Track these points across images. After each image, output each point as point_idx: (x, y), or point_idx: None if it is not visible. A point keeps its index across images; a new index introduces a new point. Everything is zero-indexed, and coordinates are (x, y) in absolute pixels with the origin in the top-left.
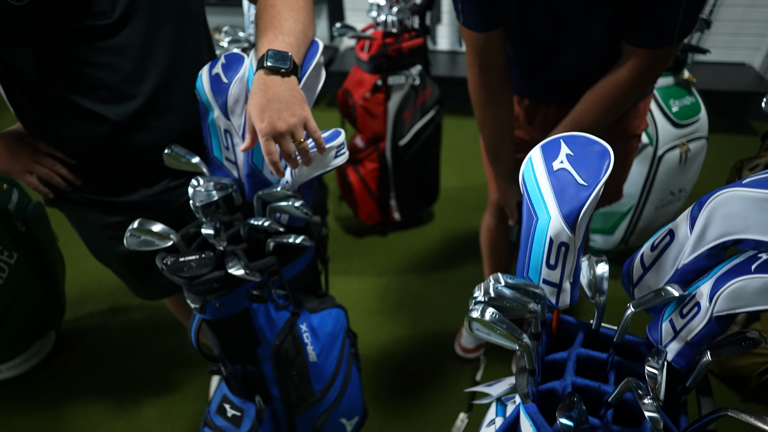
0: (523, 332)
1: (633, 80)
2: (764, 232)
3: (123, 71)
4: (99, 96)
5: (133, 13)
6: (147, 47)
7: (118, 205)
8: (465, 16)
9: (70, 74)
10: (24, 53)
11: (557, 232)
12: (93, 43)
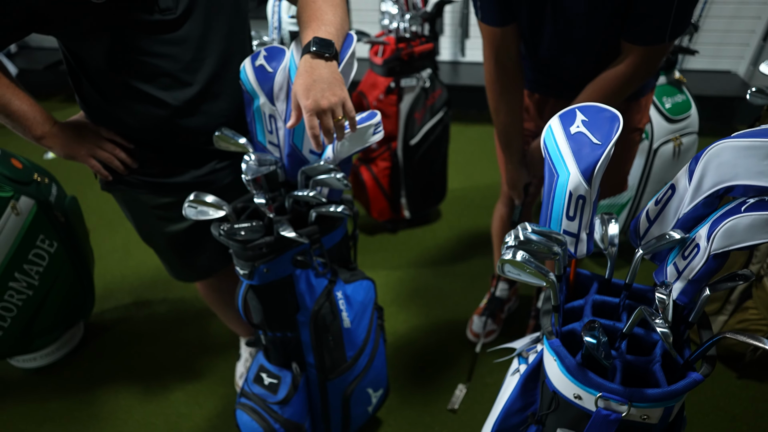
0: (549, 271)
1: (629, 74)
2: (751, 177)
3: (183, 61)
4: (161, 83)
5: (194, 8)
6: (204, 39)
7: (169, 186)
8: (483, 12)
9: (136, 64)
10: (96, 46)
11: (576, 186)
12: (158, 36)
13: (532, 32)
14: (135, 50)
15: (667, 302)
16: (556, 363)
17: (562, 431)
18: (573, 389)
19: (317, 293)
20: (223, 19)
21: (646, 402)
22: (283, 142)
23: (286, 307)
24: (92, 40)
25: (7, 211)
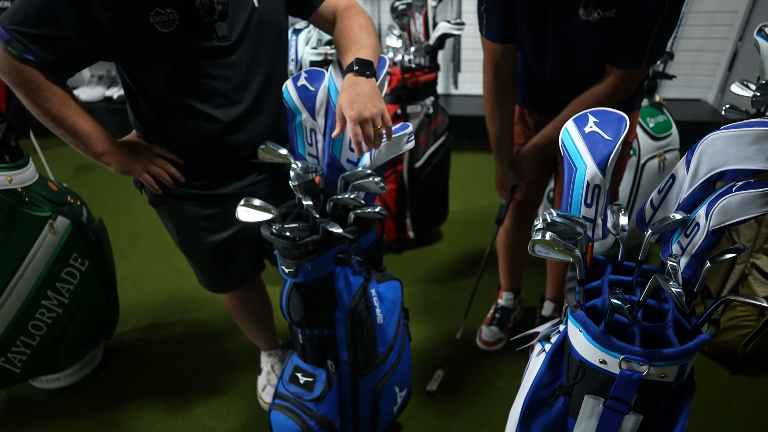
0: (574, 248)
1: (609, 92)
2: (739, 161)
3: (234, 82)
4: (214, 102)
5: (245, 35)
6: (252, 62)
7: (214, 198)
8: (488, 29)
9: (193, 85)
10: (158, 70)
11: (592, 176)
12: (214, 60)
13: (537, 56)
14: (193, 73)
15: (677, 268)
16: (581, 333)
17: (589, 398)
18: (598, 355)
19: (354, 290)
20: (269, 44)
21: (664, 360)
22: (323, 153)
23: (326, 304)
24: (155, 66)
25: (45, 229)
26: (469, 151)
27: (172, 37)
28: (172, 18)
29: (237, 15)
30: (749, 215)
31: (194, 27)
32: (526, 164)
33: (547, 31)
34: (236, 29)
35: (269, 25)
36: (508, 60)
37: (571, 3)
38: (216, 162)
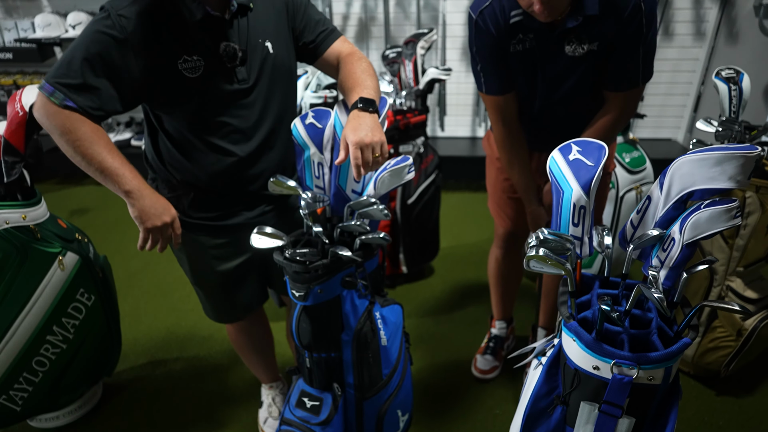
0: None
1: (617, 116)
2: (705, 182)
3: (251, 120)
4: (231, 138)
5: (261, 78)
6: (266, 102)
7: (225, 228)
8: (487, 86)
9: (214, 123)
10: (181, 110)
11: (578, 198)
12: (234, 101)
13: (528, 94)
14: (215, 113)
15: (657, 277)
16: (575, 342)
17: (585, 404)
18: (592, 361)
19: (360, 312)
20: (281, 85)
21: (651, 364)
22: (329, 184)
23: (333, 327)
24: (181, 107)
25: (54, 265)
26: (456, 191)
27: (198, 82)
28: (198, 64)
29: (254, 60)
30: (717, 229)
31: (218, 72)
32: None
33: (536, 74)
34: (253, 72)
35: (282, 69)
36: (512, 108)
37: (557, 43)
38: (229, 194)
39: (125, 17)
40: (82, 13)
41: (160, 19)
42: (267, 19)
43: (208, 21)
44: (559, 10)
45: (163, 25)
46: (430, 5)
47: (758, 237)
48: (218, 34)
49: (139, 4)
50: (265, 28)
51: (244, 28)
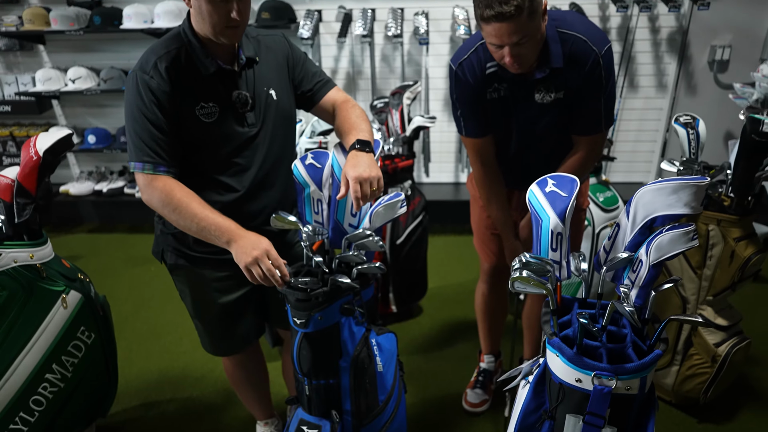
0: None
1: (585, 156)
2: (664, 208)
3: (256, 159)
4: (237, 176)
5: (266, 122)
6: (270, 143)
7: (228, 262)
8: (466, 129)
9: (223, 162)
10: (197, 151)
11: (555, 225)
12: (244, 142)
13: (505, 137)
14: (225, 153)
15: (629, 293)
16: (558, 357)
17: (570, 416)
18: (574, 374)
19: (357, 339)
20: (283, 129)
21: (627, 374)
22: (327, 219)
23: (332, 353)
24: (197, 148)
25: (58, 303)
26: (442, 234)
27: (214, 126)
28: (214, 110)
29: (261, 106)
30: (678, 250)
31: (231, 117)
32: (527, 235)
33: (512, 118)
34: (260, 117)
35: (284, 114)
36: (489, 150)
37: (528, 92)
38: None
39: (152, 77)
40: (82, 68)
41: (180, 74)
42: (271, 70)
43: (220, 73)
44: (527, 63)
45: (182, 79)
46: (413, 60)
47: (723, 267)
48: (230, 84)
49: (161, 64)
50: (269, 78)
51: (252, 78)
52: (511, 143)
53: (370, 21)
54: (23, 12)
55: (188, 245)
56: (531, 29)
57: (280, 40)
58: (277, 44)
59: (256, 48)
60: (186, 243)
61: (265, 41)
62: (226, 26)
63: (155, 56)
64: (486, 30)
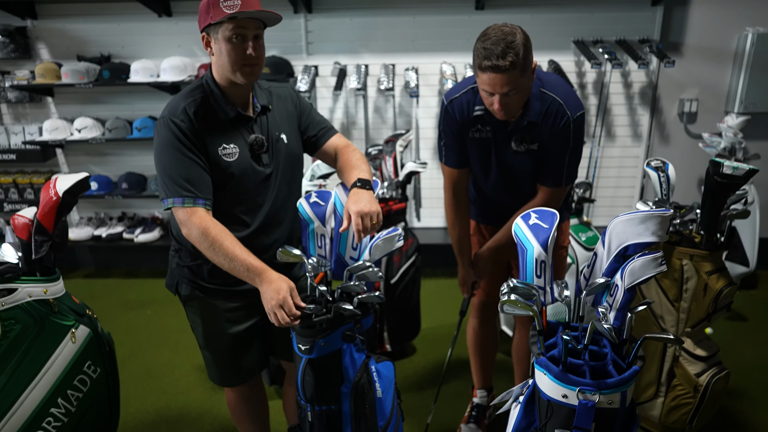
0: (535, 303)
1: (541, 205)
2: (635, 237)
3: (268, 197)
4: (251, 212)
5: (279, 163)
6: (281, 182)
7: (239, 293)
8: (446, 158)
9: (239, 198)
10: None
11: (539, 254)
12: (258, 181)
13: (484, 178)
14: (242, 190)
15: (607, 313)
16: (546, 375)
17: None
18: (560, 390)
19: (358, 365)
20: (291, 170)
21: (609, 388)
22: (330, 252)
23: (334, 379)
24: (219, 185)
25: (67, 337)
26: (432, 277)
27: (234, 165)
28: (234, 151)
29: (274, 148)
30: (649, 274)
31: (249, 157)
32: (482, 263)
33: (491, 159)
34: (273, 158)
35: (293, 156)
36: (463, 181)
37: (506, 138)
38: None
39: (182, 121)
40: (88, 118)
41: (206, 118)
42: (282, 117)
43: (239, 118)
44: (512, 113)
45: (207, 122)
46: (404, 111)
47: (698, 299)
48: (247, 128)
49: (189, 109)
50: (280, 124)
51: (265, 123)
52: (488, 181)
53: (363, 75)
54: (36, 67)
55: (203, 277)
56: (521, 84)
57: (289, 92)
58: (286, 95)
59: (268, 98)
60: (201, 275)
61: (276, 92)
62: (243, 64)
63: (183, 103)
64: (481, 78)
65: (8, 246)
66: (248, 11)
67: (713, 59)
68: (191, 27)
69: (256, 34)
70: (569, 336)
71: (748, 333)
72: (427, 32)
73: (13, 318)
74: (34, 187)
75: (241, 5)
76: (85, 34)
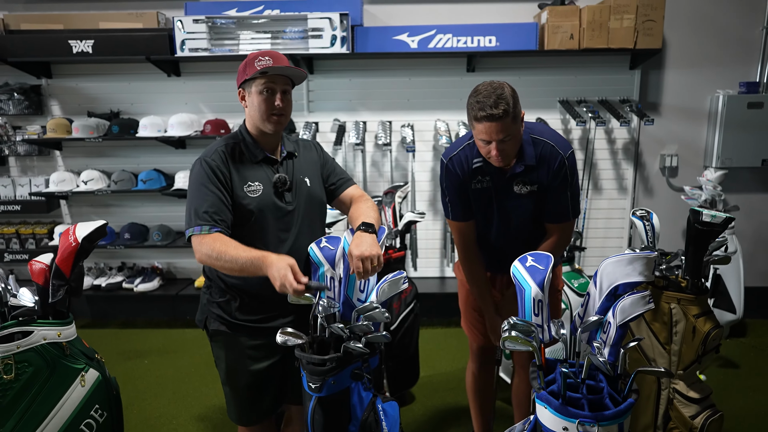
0: (534, 340)
1: (557, 241)
2: (624, 277)
3: (291, 233)
4: (275, 246)
5: (301, 203)
6: (302, 220)
7: (264, 330)
8: (453, 213)
9: (262, 233)
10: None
11: (536, 294)
12: (280, 218)
13: (486, 225)
14: (265, 226)
15: (602, 348)
16: (547, 409)
17: None
18: (561, 423)
19: (365, 404)
20: (313, 211)
21: (607, 420)
22: (338, 294)
23: (342, 418)
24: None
25: (77, 381)
26: (429, 326)
27: (258, 200)
28: (258, 188)
29: (297, 189)
30: (638, 312)
31: (272, 194)
32: (507, 311)
33: (492, 207)
34: (295, 198)
35: (315, 199)
36: (471, 233)
37: (507, 184)
38: (267, 299)
39: (213, 161)
40: (94, 171)
41: (235, 160)
42: (307, 163)
43: (266, 160)
44: (508, 159)
45: (237, 163)
46: (400, 165)
47: (687, 342)
48: (273, 169)
49: (221, 152)
50: (305, 169)
51: (291, 167)
52: (491, 231)
53: (362, 131)
54: (47, 122)
55: (230, 313)
56: (513, 130)
57: (314, 144)
58: (311, 146)
59: (295, 147)
60: (229, 311)
61: (303, 143)
62: (272, 113)
63: (217, 147)
64: (477, 128)
65: (25, 290)
66: (277, 67)
67: (689, 118)
68: (198, 86)
69: (284, 89)
70: (568, 369)
71: (741, 380)
72: (421, 92)
73: (27, 361)
74: (36, 237)
75: (272, 63)
76: (96, 91)
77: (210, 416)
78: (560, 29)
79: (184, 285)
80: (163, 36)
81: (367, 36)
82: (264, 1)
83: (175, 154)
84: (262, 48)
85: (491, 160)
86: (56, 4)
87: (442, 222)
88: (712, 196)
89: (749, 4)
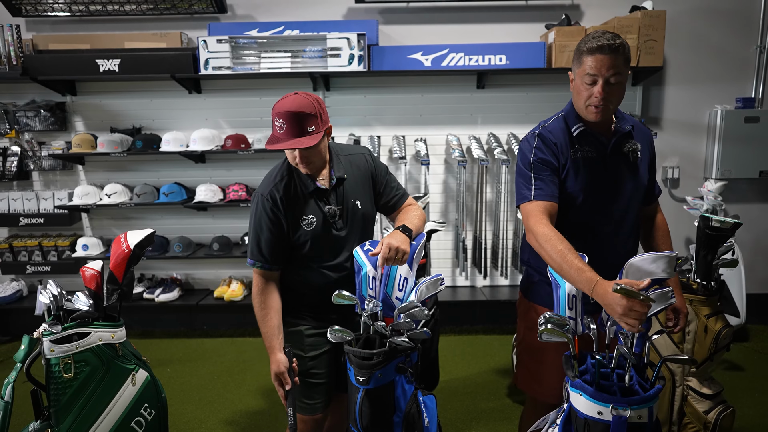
0: (568, 332)
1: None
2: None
3: (343, 256)
4: (328, 265)
5: (352, 226)
6: (353, 241)
7: (321, 319)
8: (536, 193)
9: (318, 256)
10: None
11: (570, 289)
12: (334, 243)
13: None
14: (321, 250)
15: (629, 339)
16: (581, 396)
17: None
18: (596, 408)
19: (408, 395)
20: (363, 230)
21: (638, 404)
22: (379, 293)
23: (387, 409)
24: (301, 246)
25: (128, 380)
26: (442, 334)
27: (313, 232)
28: (312, 221)
29: (348, 214)
30: (661, 307)
31: (324, 224)
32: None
33: (599, 179)
34: (347, 223)
35: (366, 218)
36: (553, 214)
37: (616, 146)
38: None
39: (271, 197)
40: (117, 184)
41: (290, 195)
42: (357, 184)
43: (318, 192)
44: (610, 111)
45: (291, 198)
46: (413, 178)
47: (700, 341)
48: (325, 200)
49: (277, 187)
50: (355, 190)
51: (342, 193)
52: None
53: (377, 146)
54: (72, 137)
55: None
56: (623, 72)
57: (365, 159)
58: (362, 162)
59: (346, 167)
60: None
61: (353, 160)
62: (296, 164)
63: (272, 185)
64: (586, 63)
65: (82, 294)
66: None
67: (690, 131)
68: (218, 102)
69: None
70: (598, 357)
71: (747, 382)
72: (433, 108)
73: (84, 360)
74: (59, 249)
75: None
76: (119, 108)
77: (238, 420)
78: (567, 48)
79: (203, 295)
80: (187, 55)
81: (384, 55)
82: (284, 22)
83: (195, 168)
84: (282, 67)
85: (589, 108)
86: (82, 25)
87: (453, 231)
88: (713, 206)
89: (744, 25)
